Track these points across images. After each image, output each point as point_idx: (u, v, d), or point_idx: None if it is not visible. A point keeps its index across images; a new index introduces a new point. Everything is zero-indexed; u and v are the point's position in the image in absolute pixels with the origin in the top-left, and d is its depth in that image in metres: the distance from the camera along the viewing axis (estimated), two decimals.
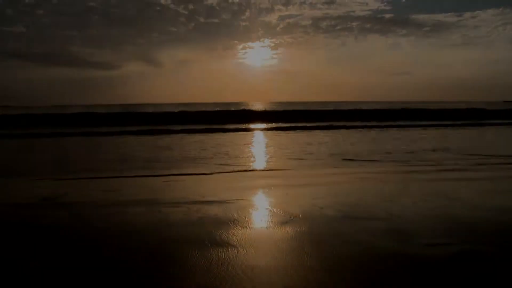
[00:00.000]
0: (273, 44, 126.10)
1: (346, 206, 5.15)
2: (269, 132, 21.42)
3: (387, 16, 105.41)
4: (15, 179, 7.99)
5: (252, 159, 11.06)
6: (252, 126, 24.73)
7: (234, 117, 26.28)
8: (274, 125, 25.21)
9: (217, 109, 28.80)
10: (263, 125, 25.33)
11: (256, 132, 21.33)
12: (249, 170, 8.73)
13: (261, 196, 5.94)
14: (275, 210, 5.02)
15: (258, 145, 14.95)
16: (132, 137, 18.39)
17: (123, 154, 12.22)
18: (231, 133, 20.29)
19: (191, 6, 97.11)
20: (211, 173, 8.17)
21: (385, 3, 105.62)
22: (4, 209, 5.34)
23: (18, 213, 5.06)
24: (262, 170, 8.94)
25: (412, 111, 28.88)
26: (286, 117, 26.84)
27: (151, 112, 27.94)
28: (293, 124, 23.70)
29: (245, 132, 21.16)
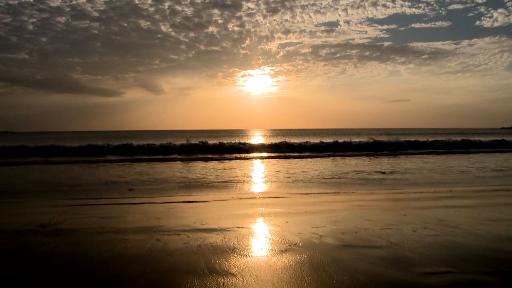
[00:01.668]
0: (273, 72, 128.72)
1: (345, 234, 5.14)
2: (266, 160, 21.49)
3: (386, 44, 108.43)
4: (13, 205, 7.97)
5: (250, 186, 11.06)
6: (249, 155, 24.84)
7: (232, 150, 26.39)
8: (271, 154, 25.31)
9: (216, 142, 28.87)
10: (260, 154, 25.44)
11: (254, 161, 21.39)
12: (248, 198, 8.73)
13: (260, 224, 5.92)
14: (274, 238, 5.00)
15: (256, 172, 14.97)
16: (128, 164, 18.42)
17: (122, 181, 12.22)
18: (229, 161, 20.35)
19: (191, 34, 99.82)
20: (210, 201, 8.16)
21: (384, 31, 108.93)
22: (1, 236, 5.30)
23: (15, 240, 5.03)
24: (261, 197, 8.93)
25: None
26: (278, 149, 26.98)
27: (153, 144, 27.97)
28: (286, 154, 23.87)
29: (243, 160, 21.23)
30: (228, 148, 26.55)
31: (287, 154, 24.50)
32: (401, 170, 14.99)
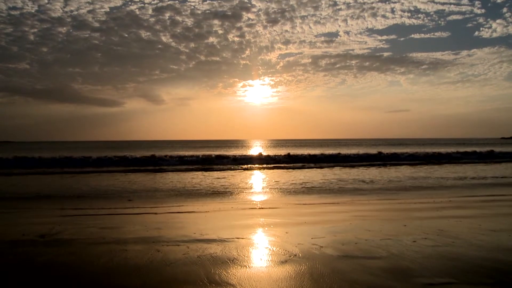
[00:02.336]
0: (273, 82, 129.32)
1: (345, 244, 5.12)
2: (265, 170, 21.47)
3: (386, 54, 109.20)
4: (12, 214, 7.95)
5: (250, 196, 11.04)
6: (249, 165, 24.84)
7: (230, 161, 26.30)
8: (271, 165, 25.32)
9: (214, 154, 28.83)
10: (259, 165, 25.42)
11: (253, 171, 21.37)
12: (248, 208, 8.71)
13: (260, 235, 5.91)
14: (274, 248, 4.99)
15: (256, 183, 14.95)
16: (130, 174, 18.40)
17: (121, 190, 12.20)
18: (228, 172, 20.34)
19: (192, 45, 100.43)
20: (210, 211, 8.14)
21: (384, 42, 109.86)
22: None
23: (14, 251, 5.01)
24: (261, 207, 8.91)
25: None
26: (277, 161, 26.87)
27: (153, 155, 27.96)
28: (287, 165, 23.82)
29: (242, 171, 21.21)
30: (230, 160, 26.50)
31: (286, 165, 24.50)
32: (384, 179, 14.98)
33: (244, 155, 29.21)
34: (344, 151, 36.53)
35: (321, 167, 22.27)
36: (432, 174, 17.69)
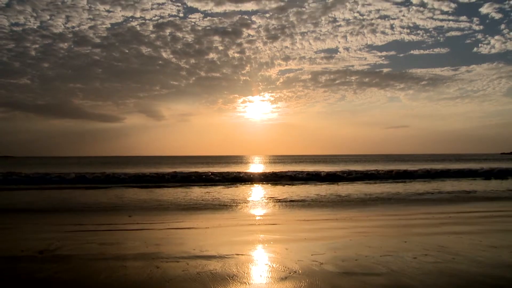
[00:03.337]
0: (273, 98, 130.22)
1: (346, 261, 5.10)
2: (265, 186, 21.44)
3: (385, 70, 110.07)
4: (11, 229, 7.91)
5: (250, 212, 11.01)
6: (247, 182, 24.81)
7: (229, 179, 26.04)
8: (271, 181, 25.29)
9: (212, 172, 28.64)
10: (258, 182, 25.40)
11: (252, 186, 21.33)
12: (248, 224, 8.68)
13: (260, 251, 5.88)
14: (274, 265, 4.97)
15: (256, 199, 14.92)
16: (130, 189, 18.36)
17: (119, 206, 12.16)
18: (228, 188, 20.29)
19: (192, 61, 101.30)
20: (210, 227, 8.11)
21: (383, 58, 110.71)
22: None
23: (12, 267, 4.98)
24: (260, 224, 8.88)
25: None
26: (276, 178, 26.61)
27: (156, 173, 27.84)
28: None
29: (241, 186, 21.17)
30: (229, 177, 26.35)
31: (287, 182, 24.48)
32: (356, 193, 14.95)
33: (243, 172, 29.12)
34: (339, 167, 36.40)
35: (320, 183, 22.24)
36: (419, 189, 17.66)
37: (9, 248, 6.17)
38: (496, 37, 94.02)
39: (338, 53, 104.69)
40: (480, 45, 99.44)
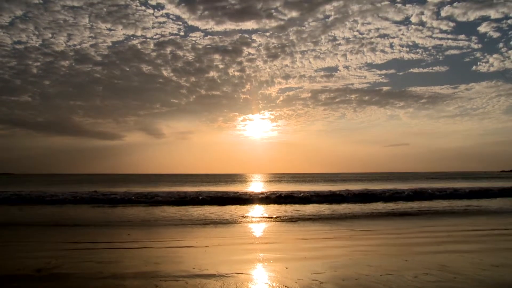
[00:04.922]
0: (273, 117, 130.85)
1: (346, 280, 5.06)
2: (264, 205, 21.35)
3: (385, 88, 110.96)
4: (9, 247, 7.85)
5: (249, 231, 10.94)
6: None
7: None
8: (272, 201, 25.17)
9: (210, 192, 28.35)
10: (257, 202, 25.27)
11: (251, 205, 21.25)
12: (248, 243, 8.62)
13: (260, 270, 5.83)
14: (274, 284, 4.93)
15: (254, 217, 14.84)
16: (127, 208, 18.27)
17: (119, 223, 12.09)
18: (227, 207, 20.22)
19: (192, 79, 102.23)
20: (210, 246, 8.06)
21: (383, 76, 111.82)
22: None
23: (10, 286, 4.94)
24: (260, 242, 8.82)
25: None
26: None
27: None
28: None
29: (240, 206, 21.09)
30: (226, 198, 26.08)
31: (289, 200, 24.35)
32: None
33: (242, 192, 28.93)
34: (338, 187, 36.05)
35: (318, 203, 22.14)
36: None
37: (6, 266, 6.12)
38: (495, 55, 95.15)
39: (338, 71, 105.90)
40: (479, 63, 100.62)
